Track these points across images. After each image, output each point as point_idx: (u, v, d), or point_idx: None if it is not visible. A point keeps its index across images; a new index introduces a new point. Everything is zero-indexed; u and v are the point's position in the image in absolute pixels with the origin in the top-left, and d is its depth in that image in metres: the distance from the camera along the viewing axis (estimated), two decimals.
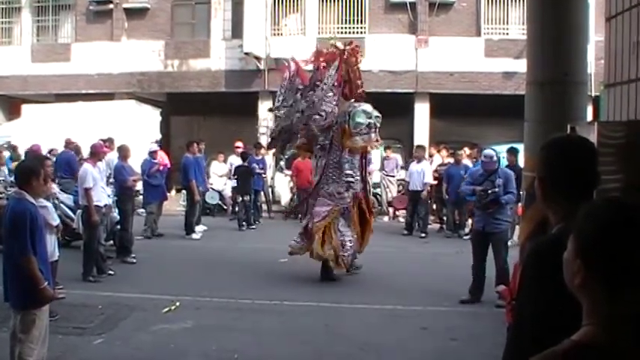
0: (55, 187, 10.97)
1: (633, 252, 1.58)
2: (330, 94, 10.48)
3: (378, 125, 10.64)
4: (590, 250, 1.63)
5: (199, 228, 15.30)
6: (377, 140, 10.90)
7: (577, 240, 1.68)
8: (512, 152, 13.95)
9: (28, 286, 5.17)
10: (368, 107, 10.55)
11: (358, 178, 10.76)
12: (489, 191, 9.17)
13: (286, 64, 11.43)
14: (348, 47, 10.64)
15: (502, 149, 15.67)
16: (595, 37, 15.82)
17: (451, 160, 16.25)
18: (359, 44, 11.59)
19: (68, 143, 15.06)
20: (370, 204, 11.62)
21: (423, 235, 15.43)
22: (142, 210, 15.22)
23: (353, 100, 10.77)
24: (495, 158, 9.62)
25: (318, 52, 11.24)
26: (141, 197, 15.48)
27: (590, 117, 12.47)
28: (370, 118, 10.42)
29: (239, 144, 18.30)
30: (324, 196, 10.54)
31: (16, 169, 6.27)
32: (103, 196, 10.58)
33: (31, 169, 5.54)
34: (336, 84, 10.54)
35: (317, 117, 10.46)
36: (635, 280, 1.55)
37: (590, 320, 1.64)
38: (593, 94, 14.40)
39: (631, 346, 1.53)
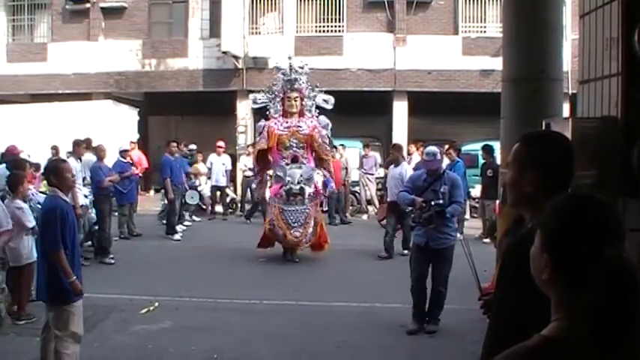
0: (32, 188, 10.85)
1: (596, 245, 1.59)
2: None
3: None
4: (555, 244, 1.65)
5: (179, 228, 15.20)
6: None
7: (542, 234, 1.70)
8: (487, 149, 13.99)
9: (59, 281, 5.36)
10: None
11: None
12: (432, 203, 7.61)
13: None
14: None
15: (479, 147, 15.79)
16: (572, 35, 15.97)
17: None
18: None
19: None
20: None
21: (406, 252, 11.89)
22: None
23: None
24: (439, 156, 8.15)
25: None
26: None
27: (567, 114, 12.55)
28: None
29: (221, 143, 18.22)
30: None
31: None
32: (79, 196, 10.47)
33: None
34: None
35: None
36: (598, 272, 1.56)
37: (557, 315, 1.66)
38: (570, 91, 14.39)
39: (595, 339, 1.54)
